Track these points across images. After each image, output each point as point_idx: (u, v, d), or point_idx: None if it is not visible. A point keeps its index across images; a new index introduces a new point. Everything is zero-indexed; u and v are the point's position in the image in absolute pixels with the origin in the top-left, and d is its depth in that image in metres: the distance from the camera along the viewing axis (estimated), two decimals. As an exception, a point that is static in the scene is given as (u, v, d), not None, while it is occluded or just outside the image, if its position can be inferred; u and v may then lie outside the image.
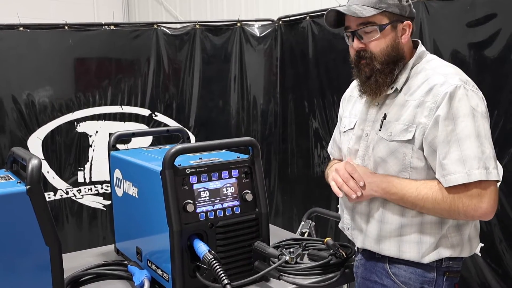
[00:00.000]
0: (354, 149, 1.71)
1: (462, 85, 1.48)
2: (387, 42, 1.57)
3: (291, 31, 3.77)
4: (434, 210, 1.51)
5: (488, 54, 2.47)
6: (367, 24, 1.56)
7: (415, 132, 1.52)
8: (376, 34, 1.56)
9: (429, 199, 1.49)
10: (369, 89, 1.62)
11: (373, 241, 1.64)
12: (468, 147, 1.44)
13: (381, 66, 1.57)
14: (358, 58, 1.61)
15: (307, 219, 2.58)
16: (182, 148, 1.58)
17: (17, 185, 1.41)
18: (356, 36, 1.59)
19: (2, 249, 1.36)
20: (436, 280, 1.58)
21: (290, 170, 3.88)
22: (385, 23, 1.56)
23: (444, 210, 1.49)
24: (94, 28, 3.70)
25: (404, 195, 1.53)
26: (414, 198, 1.51)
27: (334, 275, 1.77)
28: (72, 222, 3.77)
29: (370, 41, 1.58)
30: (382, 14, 1.55)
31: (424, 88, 1.53)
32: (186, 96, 3.89)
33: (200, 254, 1.52)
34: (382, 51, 1.57)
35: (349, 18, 1.61)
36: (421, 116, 1.51)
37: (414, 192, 1.52)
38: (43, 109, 3.60)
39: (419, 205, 1.52)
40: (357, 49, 1.60)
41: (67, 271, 1.55)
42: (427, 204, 1.50)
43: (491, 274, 2.57)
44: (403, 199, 1.54)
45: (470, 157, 1.44)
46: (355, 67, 1.65)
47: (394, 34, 1.58)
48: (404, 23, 1.60)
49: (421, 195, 1.51)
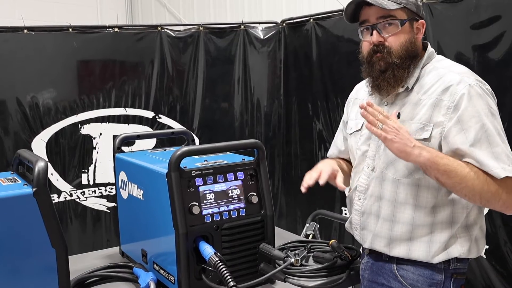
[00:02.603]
0: (363, 150, 1.71)
1: (478, 84, 1.50)
2: (405, 37, 1.58)
3: (295, 33, 3.77)
4: (481, 190, 1.45)
5: (492, 56, 2.47)
6: (388, 17, 1.57)
7: (432, 131, 1.52)
8: (397, 28, 1.58)
9: (480, 178, 1.44)
10: (386, 84, 1.60)
11: (383, 242, 1.64)
12: (497, 144, 1.46)
13: (399, 61, 1.58)
14: (373, 52, 1.61)
15: (311, 221, 2.58)
16: (187, 150, 1.59)
17: (24, 187, 1.41)
18: (376, 30, 1.59)
19: (9, 251, 1.36)
20: (444, 282, 1.58)
21: (294, 172, 3.87)
22: (404, 19, 1.58)
23: (489, 192, 1.45)
24: (98, 31, 3.71)
25: (455, 167, 1.45)
26: (466, 173, 1.45)
27: (340, 277, 1.77)
28: (76, 224, 3.77)
29: (389, 36, 1.58)
30: (403, 9, 1.58)
31: (439, 87, 1.53)
32: (190, 98, 3.89)
33: (206, 257, 1.52)
34: (402, 45, 1.58)
35: (367, 12, 1.61)
36: (438, 115, 1.51)
37: (465, 167, 1.46)
38: (47, 111, 3.60)
39: (466, 181, 1.45)
40: (376, 42, 1.60)
41: (72, 273, 1.55)
42: (476, 181, 1.44)
43: (496, 276, 2.56)
44: (454, 171, 1.45)
45: (500, 154, 1.45)
46: (367, 62, 1.64)
47: (411, 31, 1.60)
48: (419, 22, 1.62)
49: (473, 172, 1.45)
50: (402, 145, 1.46)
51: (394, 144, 1.47)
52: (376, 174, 1.65)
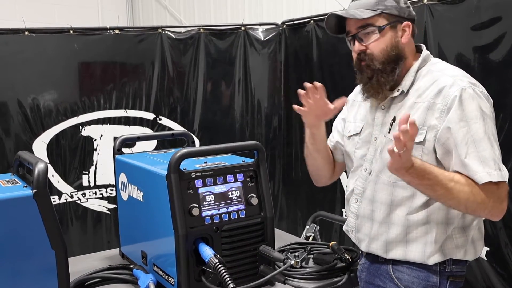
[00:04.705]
0: (360, 154, 1.71)
1: (471, 87, 1.50)
2: (386, 43, 1.60)
3: (295, 35, 3.78)
4: (466, 202, 1.44)
5: (493, 57, 2.46)
6: (366, 26, 1.60)
7: (426, 134, 1.52)
8: (376, 35, 1.60)
9: (465, 190, 1.44)
10: (372, 89, 1.64)
11: (379, 245, 1.64)
12: (484, 149, 1.45)
13: (382, 66, 1.60)
14: (359, 61, 1.65)
15: (311, 223, 2.58)
16: (187, 152, 1.58)
17: (24, 189, 1.41)
18: (357, 39, 1.63)
19: (9, 252, 1.37)
20: (439, 284, 1.58)
21: (295, 174, 3.87)
22: (383, 24, 1.59)
23: (475, 203, 1.45)
24: (98, 33, 3.72)
25: (440, 179, 1.43)
26: (453, 183, 1.44)
27: (340, 279, 1.77)
28: (77, 226, 3.78)
29: (370, 43, 1.61)
30: (380, 16, 1.59)
31: (433, 90, 1.54)
32: (190, 99, 3.90)
33: (206, 258, 1.52)
34: (382, 51, 1.60)
35: (349, 23, 1.65)
36: (432, 118, 1.51)
37: (451, 177, 1.45)
38: (48, 113, 3.61)
39: (455, 190, 1.44)
40: (358, 51, 1.64)
41: (72, 274, 1.56)
42: (461, 193, 1.44)
43: (496, 278, 2.55)
44: (439, 183, 1.43)
45: (487, 158, 1.45)
46: (358, 70, 1.67)
47: (393, 35, 1.61)
48: (404, 23, 1.62)
49: (459, 181, 1.45)
50: (405, 161, 1.39)
51: (399, 163, 1.40)
52: (372, 177, 1.66)
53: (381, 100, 1.66)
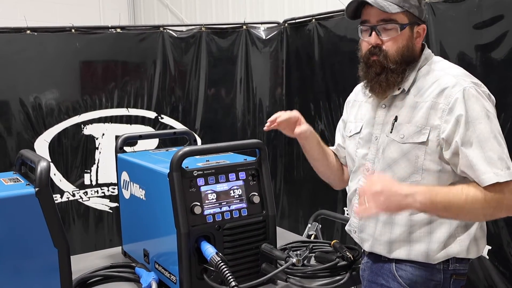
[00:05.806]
0: (362, 153, 1.70)
1: (474, 87, 1.49)
2: (403, 42, 1.57)
3: (297, 33, 3.77)
4: (483, 211, 1.44)
5: (495, 56, 2.46)
6: (389, 21, 1.56)
7: (429, 134, 1.51)
8: (396, 32, 1.56)
9: (478, 199, 1.42)
10: (378, 87, 1.60)
11: (383, 246, 1.63)
12: (490, 148, 1.44)
13: (394, 66, 1.57)
14: (370, 54, 1.60)
15: (313, 221, 2.58)
16: (189, 150, 1.59)
17: (26, 187, 1.42)
18: (375, 31, 1.58)
19: (11, 250, 1.37)
20: (442, 282, 1.58)
21: (296, 172, 3.87)
22: (405, 23, 1.56)
23: (491, 209, 1.44)
24: (100, 31, 3.72)
25: (450, 200, 1.43)
26: (463, 202, 1.42)
27: (341, 278, 1.77)
28: (79, 224, 3.78)
29: (388, 39, 1.57)
30: (404, 13, 1.56)
31: (435, 89, 1.53)
32: (192, 98, 3.90)
33: (208, 256, 1.52)
34: (398, 50, 1.57)
35: (369, 12, 1.59)
36: (434, 118, 1.51)
37: (461, 195, 1.43)
38: (50, 112, 3.61)
39: (466, 208, 1.43)
40: (374, 44, 1.59)
41: (74, 273, 1.56)
42: (476, 204, 1.42)
43: (498, 276, 2.55)
44: (450, 205, 1.43)
45: (494, 158, 1.43)
46: (364, 63, 1.63)
47: (410, 35, 1.58)
48: (420, 26, 1.60)
49: (470, 196, 1.43)
50: (395, 204, 1.42)
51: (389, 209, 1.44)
52: None
53: (382, 99, 1.65)
